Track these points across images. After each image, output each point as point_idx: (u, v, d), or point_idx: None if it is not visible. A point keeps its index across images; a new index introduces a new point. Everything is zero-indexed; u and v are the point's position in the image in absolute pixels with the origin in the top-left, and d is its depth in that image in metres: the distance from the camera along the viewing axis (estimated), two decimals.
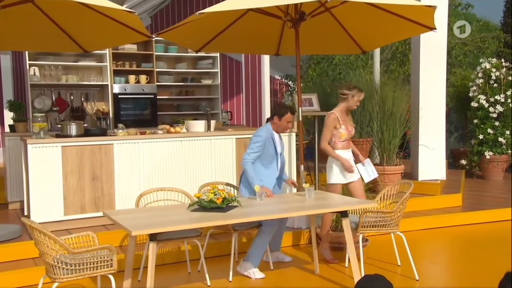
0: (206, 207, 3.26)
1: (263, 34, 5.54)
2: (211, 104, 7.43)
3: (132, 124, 6.48)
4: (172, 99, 7.21)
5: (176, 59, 7.21)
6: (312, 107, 5.79)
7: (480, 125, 7.69)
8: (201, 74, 7.30)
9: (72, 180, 4.58)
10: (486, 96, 7.65)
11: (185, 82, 7.18)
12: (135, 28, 4.58)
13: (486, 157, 7.52)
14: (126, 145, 4.81)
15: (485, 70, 7.75)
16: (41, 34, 5.01)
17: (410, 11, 4.60)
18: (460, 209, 5.67)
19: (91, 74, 6.52)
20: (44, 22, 4.75)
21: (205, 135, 5.19)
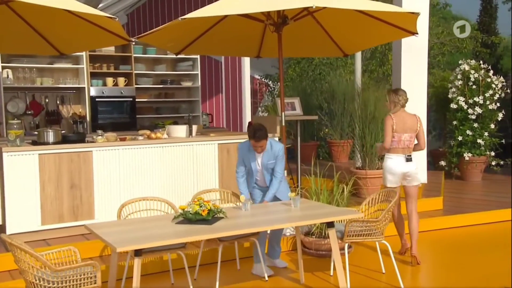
0: (191, 219, 3.25)
1: (244, 36, 5.56)
2: (191, 107, 7.40)
3: (110, 127, 6.40)
4: (151, 101, 7.14)
5: (155, 61, 7.14)
6: (295, 111, 5.83)
7: (459, 127, 7.87)
8: (181, 76, 7.25)
9: (49, 189, 4.50)
10: (465, 98, 7.84)
11: (164, 85, 7.13)
12: (114, 32, 4.53)
13: (465, 159, 7.71)
14: (106, 152, 4.75)
15: (464, 71, 7.94)
16: (14, 36, 4.89)
17: (393, 16, 4.68)
18: (442, 213, 5.80)
19: (67, 77, 6.41)
20: (17, 23, 4.64)
21: (187, 141, 5.17)
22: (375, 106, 6.15)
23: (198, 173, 5.20)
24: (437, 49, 12.00)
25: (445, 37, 11.98)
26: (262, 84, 11.43)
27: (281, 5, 4.03)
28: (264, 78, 11.20)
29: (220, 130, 7.11)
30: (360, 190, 5.90)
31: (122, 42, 4.84)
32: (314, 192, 4.75)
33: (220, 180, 5.33)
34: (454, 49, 12.14)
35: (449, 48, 12.03)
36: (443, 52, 12.10)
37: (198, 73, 7.18)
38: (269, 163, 4.02)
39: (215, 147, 5.30)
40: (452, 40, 12.00)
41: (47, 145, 4.53)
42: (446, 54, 12.06)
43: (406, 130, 4.34)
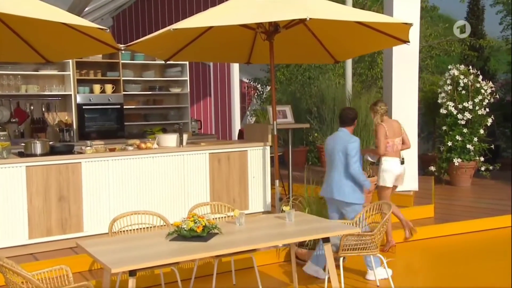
0: (186, 236, 3.25)
1: (234, 43, 5.58)
2: (180, 113, 7.38)
3: (97, 135, 6.35)
4: (140, 108, 7.11)
5: (143, 67, 7.11)
6: (286, 119, 5.87)
7: (449, 132, 7.99)
8: (170, 82, 7.23)
9: (37, 202, 4.46)
10: (454, 103, 7.96)
11: (152, 91, 7.10)
12: (103, 40, 4.50)
13: (455, 164, 7.83)
14: (95, 163, 4.72)
15: (453, 77, 8.06)
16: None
17: (385, 25, 4.74)
18: (433, 221, 5.89)
19: (52, 84, 6.34)
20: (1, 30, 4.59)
21: (177, 151, 5.17)
22: (366, 113, 6.22)
23: (189, 184, 5.20)
24: (426, 52, 12.15)
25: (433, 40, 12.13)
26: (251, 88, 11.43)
27: (275, 17, 4.06)
28: (253, 82, 11.21)
29: (210, 137, 7.12)
30: None
31: (111, 51, 4.81)
32: (307, 202, 4.79)
33: (211, 190, 5.33)
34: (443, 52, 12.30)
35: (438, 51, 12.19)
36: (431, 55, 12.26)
37: (187, 79, 7.17)
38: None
39: (206, 156, 5.30)
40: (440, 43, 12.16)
41: (35, 157, 4.49)
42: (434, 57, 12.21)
43: (395, 134, 4.91)
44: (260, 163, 5.62)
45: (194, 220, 3.30)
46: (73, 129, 6.25)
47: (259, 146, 5.60)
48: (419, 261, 4.96)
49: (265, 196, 5.65)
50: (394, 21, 4.61)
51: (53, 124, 6.43)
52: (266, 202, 5.64)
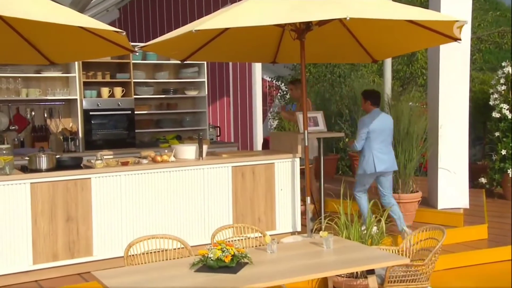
0: (213, 267, 3.26)
1: (258, 41, 5.62)
2: (196, 119, 7.42)
3: (105, 145, 6.42)
4: (152, 113, 7.16)
5: (156, 67, 7.16)
6: (317, 127, 5.84)
7: (503, 139, 7.87)
8: (185, 84, 7.27)
9: (42, 223, 4.53)
10: (509, 106, 7.84)
11: (166, 94, 7.15)
12: (115, 41, 4.55)
13: (510, 175, 7.70)
14: (106, 179, 4.77)
15: (507, 75, 7.94)
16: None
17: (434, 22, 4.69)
18: (486, 243, 5.81)
19: (56, 87, 6.42)
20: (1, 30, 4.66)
21: (197, 164, 5.19)
22: (409, 120, 6.17)
23: (209, 201, 5.23)
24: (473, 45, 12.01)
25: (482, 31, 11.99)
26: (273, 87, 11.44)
27: (311, 16, 4.06)
28: (276, 80, 11.21)
29: (230, 146, 7.13)
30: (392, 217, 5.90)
31: (124, 52, 4.87)
32: (344, 224, 4.76)
33: (234, 208, 5.35)
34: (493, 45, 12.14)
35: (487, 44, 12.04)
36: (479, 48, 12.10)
37: (204, 80, 7.20)
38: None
39: (228, 170, 5.32)
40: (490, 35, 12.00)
41: (40, 173, 4.55)
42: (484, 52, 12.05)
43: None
44: (289, 177, 5.62)
45: (222, 249, 3.31)
46: (78, 137, 6.33)
47: (288, 158, 5.60)
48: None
49: (294, 214, 5.65)
50: (446, 18, 4.56)
51: (56, 132, 6.52)
52: (295, 222, 5.64)
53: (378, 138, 5.52)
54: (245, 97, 8.83)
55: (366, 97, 5.71)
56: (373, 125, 5.51)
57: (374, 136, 5.50)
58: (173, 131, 7.23)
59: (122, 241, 4.76)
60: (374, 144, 5.51)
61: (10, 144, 5.91)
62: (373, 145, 5.51)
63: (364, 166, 5.56)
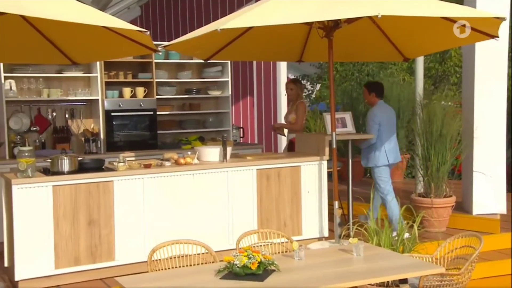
0: (239, 274, 3.26)
1: (284, 39, 5.63)
2: (219, 119, 7.44)
3: (127, 146, 6.49)
4: (174, 114, 7.21)
5: (178, 67, 7.21)
6: (345, 129, 5.82)
7: None
8: (208, 84, 7.30)
9: (64, 226, 4.60)
10: None
11: (189, 94, 7.19)
12: (139, 41, 4.60)
13: None
14: (128, 182, 4.83)
15: None
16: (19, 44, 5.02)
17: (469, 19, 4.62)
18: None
19: (77, 87, 6.52)
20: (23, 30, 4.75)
21: (221, 167, 5.21)
22: (442, 121, 6.09)
23: (233, 205, 5.25)
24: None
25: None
26: None
27: (342, 14, 4.04)
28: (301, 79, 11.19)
29: (254, 148, 7.14)
30: (424, 222, 5.83)
31: (147, 52, 4.92)
32: (373, 230, 4.72)
33: (259, 212, 5.36)
34: None
35: None
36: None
37: (228, 80, 7.22)
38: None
39: (253, 173, 5.33)
40: None
41: (62, 175, 4.63)
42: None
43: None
44: (316, 180, 5.60)
45: (248, 255, 3.30)
46: (100, 138, 6.41)
47: (315, 160, 5.59)
48: None
49: (322, 219, 5.63)
50: (483, 15, 4.49)
51: (78, 133, 6.61)
52: (322, 227, 5.62)
53: (388, 130, 5.78)
54: (269, 97, 8.83)
55: (371, 89, 5.94)
56: (382, 117, 5.76)
57: (384, 128, 5.75)
58: (196, 132, 7.27)
59: (145, 245, 4.81)
60: (384, 136, 5.75)
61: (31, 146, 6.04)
62: (383, 137, 5.75)
63: (376, 159, 5.78)
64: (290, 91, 6.46)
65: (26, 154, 4.46)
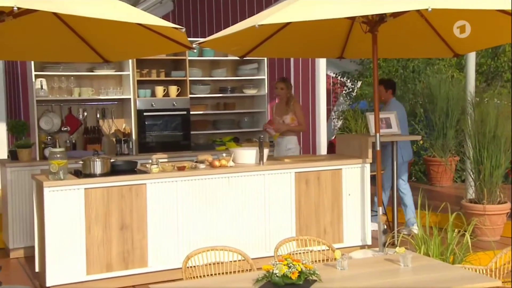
0: (278, 284, 3.25)
1: (324, 35, 5.59)
2: (255, 119, 7.45)
3: (159, 147, 6.56)
4: (208, 114, 7.25)
5: (213, 64, 7.25)
6: (390, 130, 5.74)
7: None
8: (244, 82, 7.32)
9: (96, 231, 4.68)
10: None
11: (223, 93, 7.22)
12: (173, 38, 4.64)
13: None
14: (162, 185, 4.88)
15: None
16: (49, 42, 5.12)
17: None
18: None
19: (109, 86, 6.62)
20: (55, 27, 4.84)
21: (257, 169, 5.22)
22: (496, 121, 5.95)
23: (270, 210, 5.26)
24: None
25: None
26: (337, 84, 11.33)
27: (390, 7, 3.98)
28: (340, 76, 11.10)
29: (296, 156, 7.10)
30: (476, 230, 5.70)
31: (181, 49, 4.96)
32: (421, 238, 4.64)
33: (297, 219, 5.36)
34: None
35: None
36: None
37: (264, 77, 7.21)
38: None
39: (291, 177, 5.33)
40: None
41: (94, 177, 4.71)
42: None
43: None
44: (358, 184, 5.56)
45: (288, 264, 3.29)
46: (131, 139, 6.49)
47: (357, 163, 5.55)
48: None
49: (364, 226, 5.59)
50: None
51: (109, 134, 6.71)
52: (365, 234, 5.58)
53: (403, 128, 6.12)
54: (307, 95, 8.76)
55: (388, 87, 6.37)
56: (400, 114, 6.11)
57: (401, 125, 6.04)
58: (230, 133, 7.29)
59: (178, 251, 4.86)
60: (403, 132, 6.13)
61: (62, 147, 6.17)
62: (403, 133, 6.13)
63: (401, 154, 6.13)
64: (281, 90, 6.39)
65: (58, 155, 4.55)
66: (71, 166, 4.91)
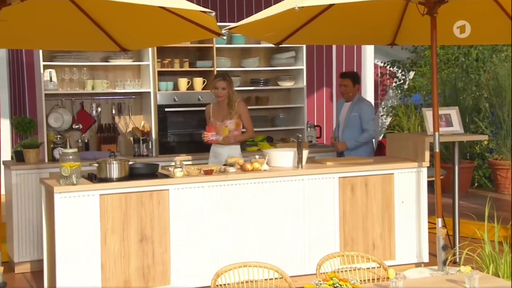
0: None
1: (373, 18, 5.56)
2: (292, 116, 7.44)
3: (183, 148, 6.60)
4: None
5: (243, 53, 7.26)
6: (451, 128, 5.70)
7: None
8: (279, 73, 7.31)
9: (113, 243, 4.74)
10: None
11: (255, 86, 7.22)
12: (200, 24, 4.67)
13: None
14: (186, 191, 4.93)
15: None
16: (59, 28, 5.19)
17: None
18: None
19: (126, 78, 6.68)
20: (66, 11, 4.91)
21: (296, 174, 5.23)
22: None
23: (311, 221, 5.26)
24: None
25: None
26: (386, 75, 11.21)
27: None
28: (390, 66, 10.99)
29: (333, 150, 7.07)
30: None
31: (208, 36, 4.99)
32: (489, 256, 4.58)
33: (341, 231, 5.35)
34: None
35: None
36: None
37: (303, 68, 7.19)
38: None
39: (334, 182, 5.32)
40: None
41: (111, 182, 4.77)
42: None
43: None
44: (413, 192, 5.53)
45: (334, 284, 3.28)
46: (151, 138, 6.54)
47: (412, 167, 5.53)
48: None
49: (420, 240, 5.55)
50: None
51: (126, 132, 6.78)
52: (421, 250, 5.55)
53: (371, 127, 6.51)
54: None
55: (357, 81, 6.54)
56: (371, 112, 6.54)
57: (369, 125, 6.46)
58: (263, 132, 7.28)
59: (205, 267, 4.89)
60: (370, 133, 6.51)
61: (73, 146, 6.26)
62: (370, 134, 6.51)
63: (370, 153, 6.47)
64: (222, 91, 5.81)
65: (70, 157, 4.62)
66: (84, 169, 4.98)
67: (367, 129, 6.41)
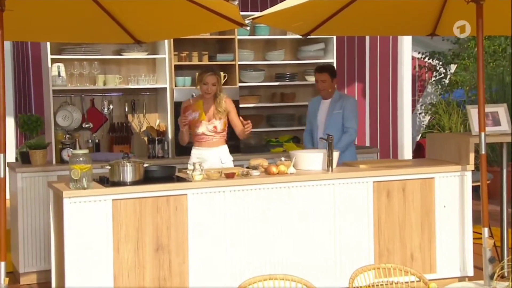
0: None
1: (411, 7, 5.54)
2: None
3: None
4: (261, 107, 7.26)
5: (268, 45, 7.27)
6: (499, 127, 5.64)
7: None
8: (306, 67, 7.30)
9: (126, 252, 4.76)
10: None
11: (280, 81, 7.22)
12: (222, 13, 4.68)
13: None
14: (206, 196, 4.94)
15: None
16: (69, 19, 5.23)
17: None
18: None
19: (140, 72, 6.72)
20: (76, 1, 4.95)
21: (325, 178, 5.23)
22: None
23: (342, 230, 5.25)
24: None
25: None
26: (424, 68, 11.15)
27: None
28: (429, 58, 10.93)
29: (368, 152, 7.06)
30: None
31: (230, 27, 5.00)
32: None
33: (376, 240, 5.34)
34: None
35: None
36: None
37: (333, 61, 7.18)
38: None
39: (368, 187, 5.31)
40: None
41: (124, 186, 4.79)
42: None
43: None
44: (456, 198, 5.50)
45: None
46: (167, 138, 6.57)
47: (455, 170, 5.50)
48: None
49: (464, 252, 5.52)
50: None
51: (140, 132, 6.82)
52: (465, 263, 5.52)
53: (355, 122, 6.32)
54: (387, 84, 8.70)
55: (335, 75, 6.24)
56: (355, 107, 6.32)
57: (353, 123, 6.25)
58: (289, 131, 7.29)
59: (227, 279, 4.90)
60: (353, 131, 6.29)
61: (83, 147, 6.31)
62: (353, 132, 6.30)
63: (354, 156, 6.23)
64: (212, 87, 5.69)
65: (80, 159, 4.65)
66: (95, 172, 5.01)
67: (350, 127, 6.06)
